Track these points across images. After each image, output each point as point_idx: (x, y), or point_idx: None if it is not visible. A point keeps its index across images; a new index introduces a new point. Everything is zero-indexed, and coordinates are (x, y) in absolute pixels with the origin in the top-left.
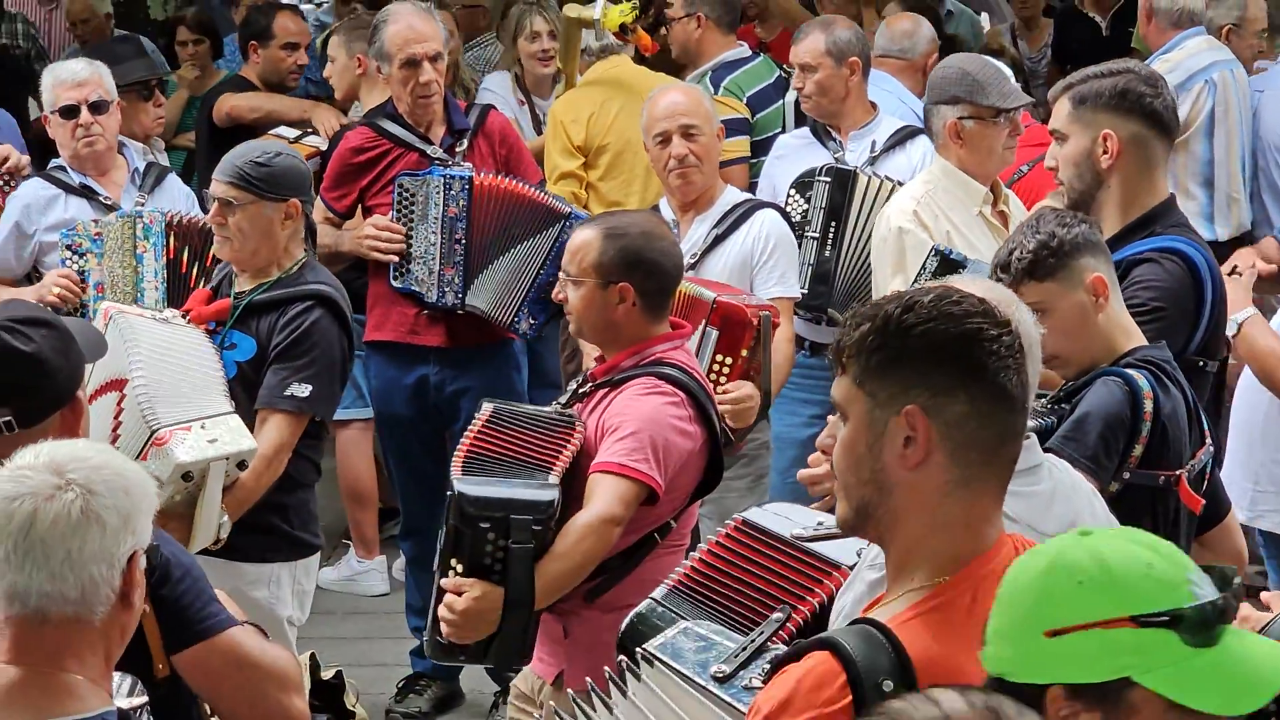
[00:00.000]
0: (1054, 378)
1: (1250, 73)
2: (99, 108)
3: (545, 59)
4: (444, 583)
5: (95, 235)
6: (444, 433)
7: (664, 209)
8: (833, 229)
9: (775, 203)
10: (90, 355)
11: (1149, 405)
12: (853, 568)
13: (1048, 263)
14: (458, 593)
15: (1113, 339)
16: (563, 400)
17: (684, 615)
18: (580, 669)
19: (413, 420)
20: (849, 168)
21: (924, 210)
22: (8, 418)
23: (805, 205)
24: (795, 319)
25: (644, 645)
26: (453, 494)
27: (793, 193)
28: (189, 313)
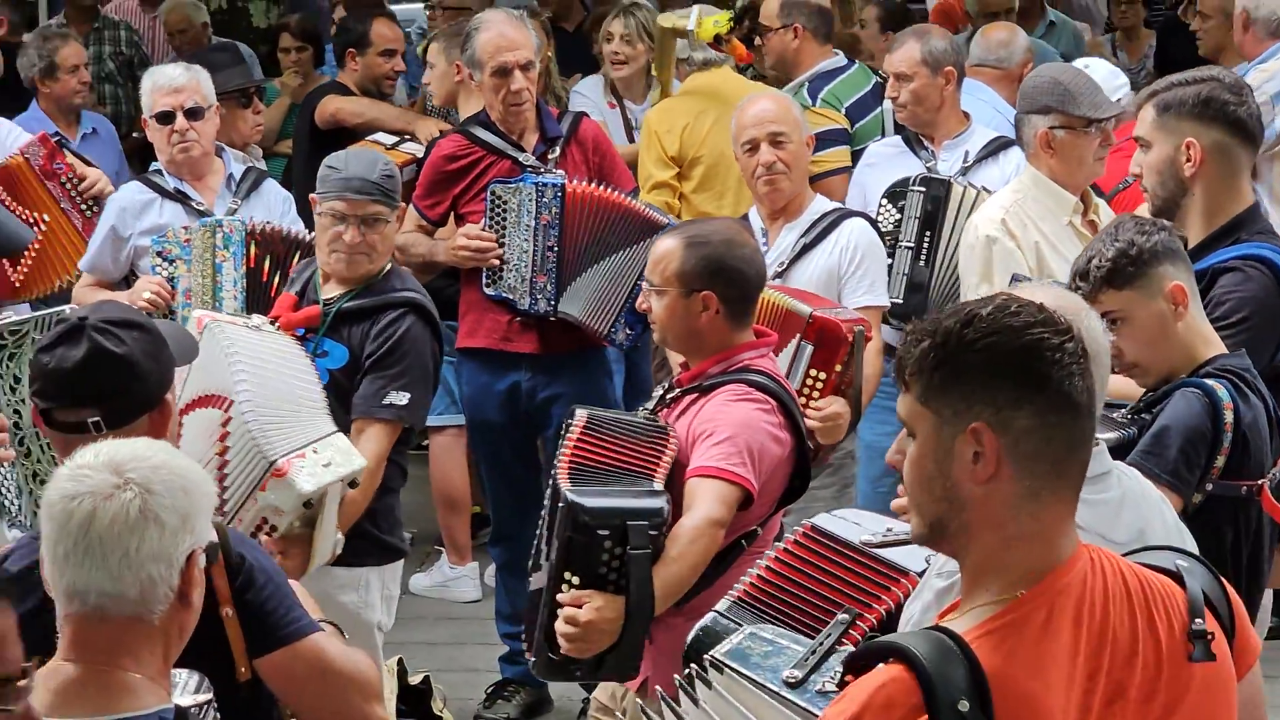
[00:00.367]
0: (1134, 388)
1: None
2: (194, 114)
3: (619, 63)
4: (563, 596)
5: (184, 242)
6: (536, 439)
7: (753, 217)
8: (927, 239)
9: (864, 212)
10: (181, 359)
11: (1229, 416)
12: (921, 574)
13: (1126, 271)
14: (577, 606)
15: (1192, 348)
16: (649, 406)
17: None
18: (665, 676)
19: (504, 427)
20: (943, 177)
21: (1012, 219)
22: (96, 418)
23: (898, 215)
24: (886, 328)
25: (711, 652)
26: (565, 505)
27: (884, 202)
28: (276, 319)
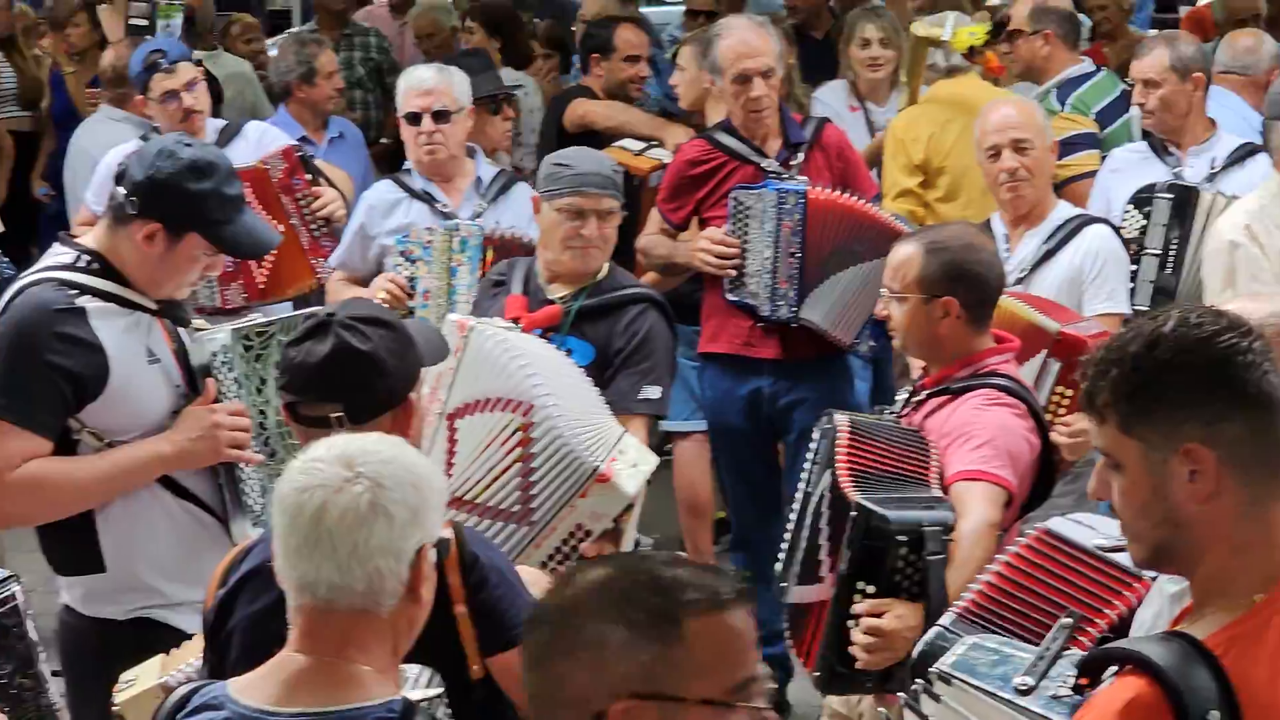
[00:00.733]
0: None
1: None
2: (442, 116)
3: (875, 65)
4: (860, 606)
5: (426, 243)
6: (777, 444)
7: (995, 223)
8: (1173, 245)
9: (1105, 218)
10: (431, 359)
11: None
12: (1155, 579)
13: None
14: (876, 615)
15: None
16: (896, 410)
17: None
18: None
19: (746, 432)
20: (1190, 184)
21: (1257, 224)
22: (339, 413)
23: (1144, 221)
24: None
25: (937, 665)
26: (859, 513)
27: (1130, 208)
28: (518, 320)
